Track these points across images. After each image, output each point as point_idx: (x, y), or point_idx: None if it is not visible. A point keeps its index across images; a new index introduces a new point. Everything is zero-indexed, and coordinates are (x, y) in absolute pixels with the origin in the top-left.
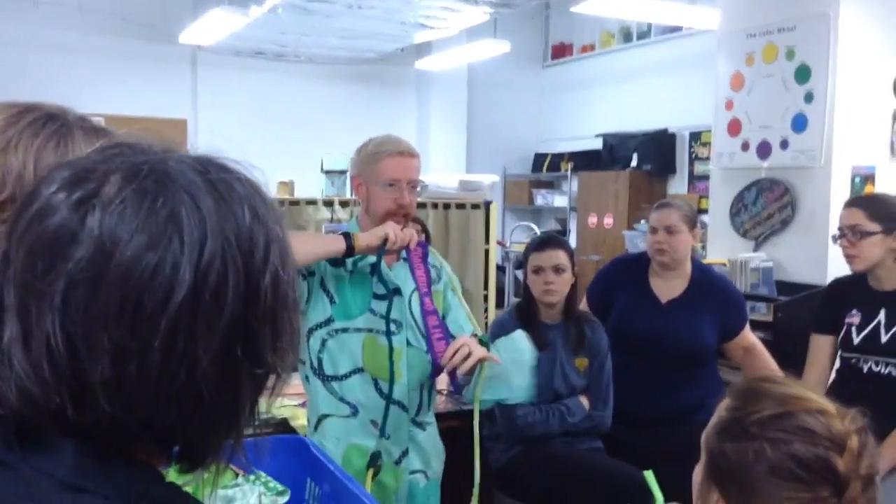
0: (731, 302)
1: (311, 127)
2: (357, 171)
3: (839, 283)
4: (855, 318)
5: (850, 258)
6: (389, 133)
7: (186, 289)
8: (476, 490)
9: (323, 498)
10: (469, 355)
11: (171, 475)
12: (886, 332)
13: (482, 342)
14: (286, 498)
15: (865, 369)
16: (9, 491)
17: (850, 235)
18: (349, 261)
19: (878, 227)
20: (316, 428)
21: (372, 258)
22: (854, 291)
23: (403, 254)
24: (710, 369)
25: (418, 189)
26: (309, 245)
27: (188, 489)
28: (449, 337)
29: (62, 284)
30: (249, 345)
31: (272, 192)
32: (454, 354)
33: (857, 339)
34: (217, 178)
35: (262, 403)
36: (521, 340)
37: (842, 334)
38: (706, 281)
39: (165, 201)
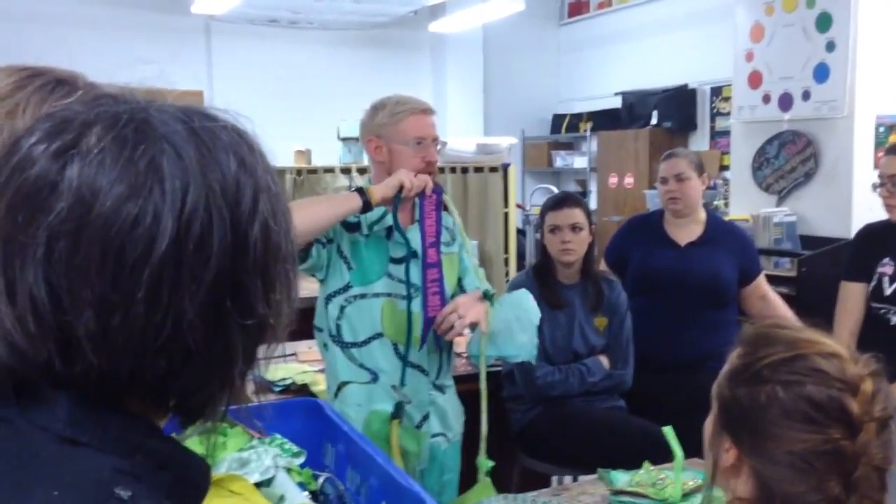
0: (747, 245)
1: (327, 94)
2: (375, 133)
3: (871, 229)
4: (888, 267)
5: (890, 207)
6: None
7: (168, 239)
8: (483, 444)
9: (338, 458)
10: (452, 328)
11: (192, 443)
12: None
13: (486, 296)
14: (301, 459)
15: (894, 321)
16: (4, 445)
17: (889, 185)
18: (364, 224)
19: None
20: (336, 395)
21: (388, 222)
22: (887, 239)
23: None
24: (731, 315)
25: (439, 147)
26: (323, 209)
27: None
28: (444, 292)
29: (44, 237)
30: (239, 297)
31: (288, 160)
32: (443, 321)
33: (888, 290)
34: (201, 126)
35: (261, 368)
36: (525, 299)
37: (873, 284)
38: (721, 226)
39: (146, 150)
